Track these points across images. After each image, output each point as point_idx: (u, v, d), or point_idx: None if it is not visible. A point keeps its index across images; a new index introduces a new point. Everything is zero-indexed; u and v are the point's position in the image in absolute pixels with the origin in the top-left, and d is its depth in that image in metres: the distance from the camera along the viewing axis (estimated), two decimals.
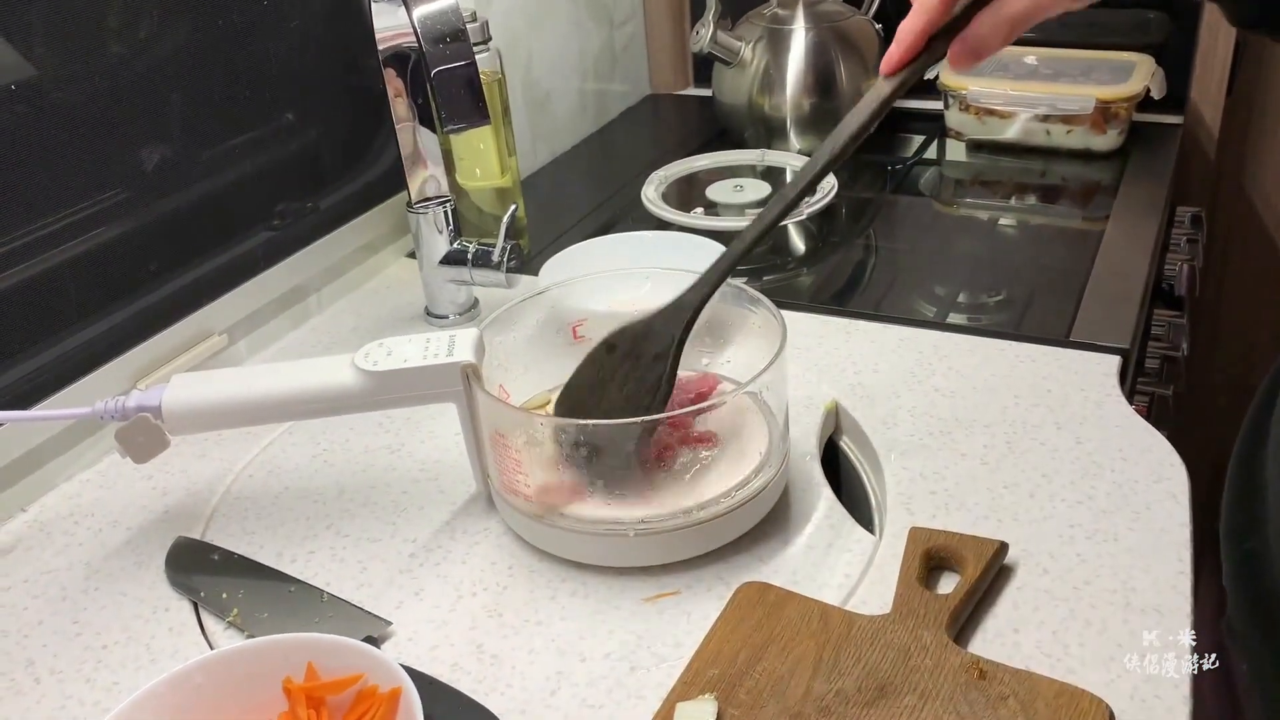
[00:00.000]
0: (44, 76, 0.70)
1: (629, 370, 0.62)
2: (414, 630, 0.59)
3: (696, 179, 1.13)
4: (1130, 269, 0.92)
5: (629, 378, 0.61)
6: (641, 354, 0.61)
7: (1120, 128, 1.15)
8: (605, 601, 0.60)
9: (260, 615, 0.60)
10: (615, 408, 0.61)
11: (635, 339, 0.62)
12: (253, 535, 0.67)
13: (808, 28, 1.19)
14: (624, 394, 0.61)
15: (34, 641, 0.60)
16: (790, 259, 1.03)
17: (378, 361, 0.62)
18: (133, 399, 0.63)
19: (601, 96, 1.38)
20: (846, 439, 0.75)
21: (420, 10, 0.70)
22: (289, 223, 0.90)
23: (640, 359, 0.61)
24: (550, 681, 0.55)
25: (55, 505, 0.72)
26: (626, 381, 0.61)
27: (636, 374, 0.61)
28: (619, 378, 0.62)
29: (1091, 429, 0.71)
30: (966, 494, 0.66)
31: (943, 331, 0.84)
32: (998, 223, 1.08)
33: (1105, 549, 0.61)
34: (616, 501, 0.60)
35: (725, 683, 0.52)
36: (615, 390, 0.62)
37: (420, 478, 0.72)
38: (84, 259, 0.74)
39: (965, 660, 0.52)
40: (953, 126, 1.23)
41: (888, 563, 0.61)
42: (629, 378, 0.61)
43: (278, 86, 0.88)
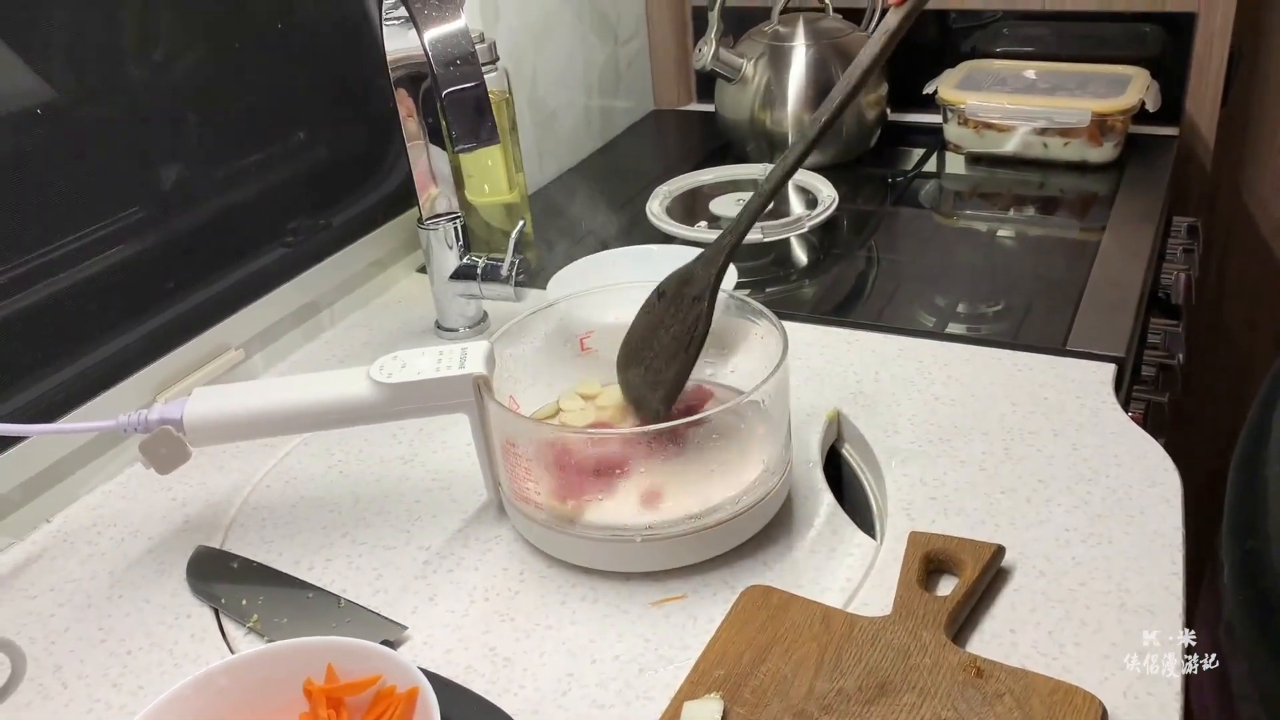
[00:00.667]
0: (64, 99, 0.72)
1: (674, 313, 0.66)
2: (429, 634, 0.61)
3: (700, 193, 1.15)
4: (1126, 279, 0.94)
5: (674, 319, 0.66)
6: (683, 297, 0.66)
7: (1116, 140, 1.17)
8: (614, 606, 0.62)
9: (279, 621, 0.62)
10: (664, 348, 0.66)
11: (679, 283, 0.67)
12: (271, 544, 0.69)
13: (808, 44, 1.21)
14: (670, 334, 0.66)
15: (61, 647, 0.62)
16: (793, 270, 1.05)
17: (392, 374, 0.64)
18: (155, 412, 0.65)
19: (606, 112, 1.40)
20: (848, 446, 0.77)
21: (431, 33, 0.73)
22: (302, 239, 0.92)
23: (683, 301, 0.66)
24: (561, 683, 0.57)
25: (79, 516, 0.74)
26: (673, 324, 0.66)
27: (680, 315, 0.65)
28: (667, 320, 0.66)
29: (1087, 436, 0.72)
30: (965, 499, 0.68)
31: (942, 341, 0.86)
32: (996, 234, 1.10)
33: (1100, 552, 0.62)
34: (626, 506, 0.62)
35: (730, 683, 0.54)
36: (664, 333, 0.66)
37: (433, 487, 0.73)
38: (105, 276, 0.76)
39: (963, 659, 0.54)
40: (952, 140, 1.25)
41: (888, 566, 0.62)
42: (674, 319, 0.66)
43: (291, 106, 0.90)
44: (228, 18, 0.83)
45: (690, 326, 0.65)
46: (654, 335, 0.67)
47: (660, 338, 0.66)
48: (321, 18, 0.92)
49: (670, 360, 0.65)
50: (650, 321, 0.67)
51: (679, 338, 0.65)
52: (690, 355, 0.65)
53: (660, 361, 0.66)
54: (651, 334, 0.67)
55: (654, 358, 0.66)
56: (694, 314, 0.65)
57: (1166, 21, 1.23)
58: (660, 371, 0.66)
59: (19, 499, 0.72)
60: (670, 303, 0.66)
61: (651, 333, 0.67)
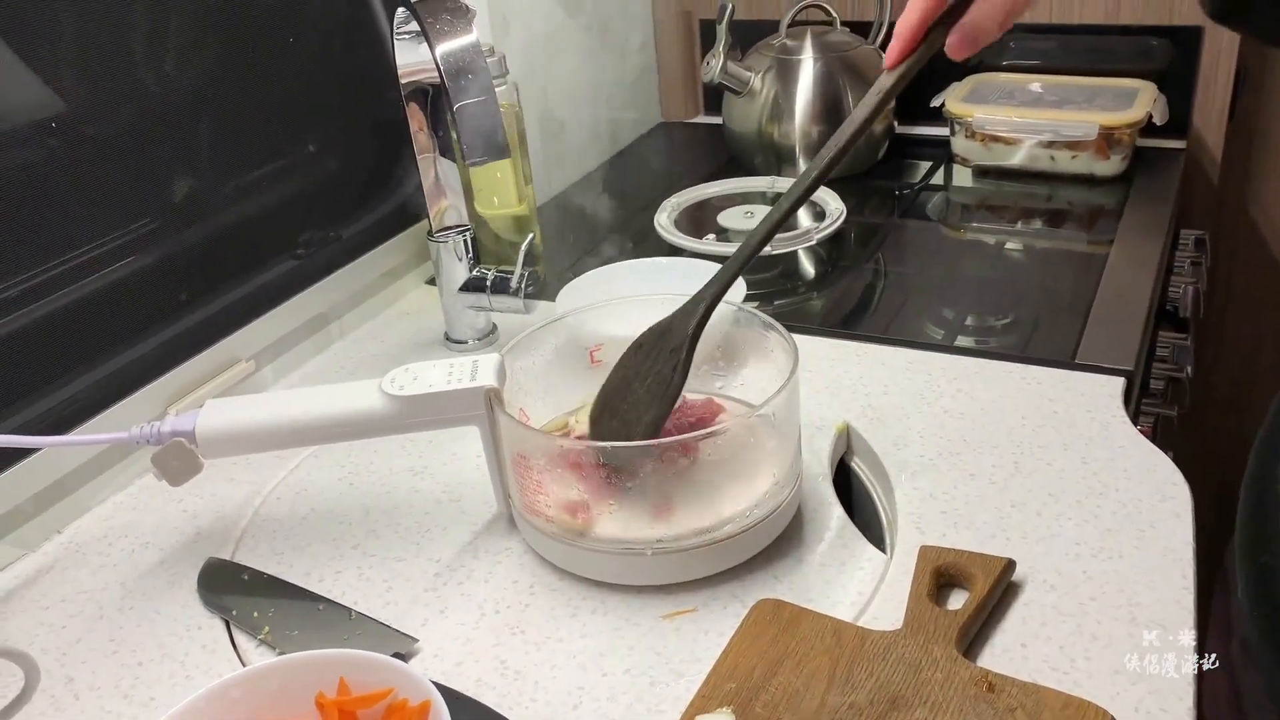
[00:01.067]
0: (75, 111, 0.72)
1: (651, 365, 0.65)
2: (440, 647, 0.61)
3: (708, 206, 1.15)
4: (1135, 292, 0.94)
5: (650, 372, 0.65)
6: (661, 349, 0.65)
7: (1124, 153, 1.17)
8: (624, 619, 0.62)
9: (291, 633, 0.62)
10: (639, 401, 0.64)
11: (657, 336, 0.66)
12: (281, 556, 0.69)
13: (816, 58, 1.21)
14: (645, 386, 0.65)
15: (73, 659, 0.62)
16: (800, 283, 1.05)
17: (403, 386, 0.64)
18: (167, 424, 0.65)
19: (614, 125, 1.40)
20: (858, 460, 0.77)
21: (443, 47, 0.73)
22: (313, 251, 0.93)
23: (660, 354, 0.65)
24: (572, 696, 0.57)
25: (89, 527, 0.74)
26: (648, 376, 0.64)
27: (656, 368, 0.64)
28: (643, 373, 0.65)
29: (1097, 449, 0.72)
30: (975, 513, 0.68)
31: (951, 354, 0.86)
32: (1004, 247, 1.10)
33: (1110, 566, 0.62)
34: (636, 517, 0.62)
35: (742, 696, 0.54)
36: (639, 386, 0.65)
37: (443, 499, 0.74)
38: (115, 288, 0.76)
39: (975, 674, 0.54)
40: (959, 153, 1.25)
41: (899, 580, 0.62)
42: (650, 372, 0.65)
43: (301, 118, 0.91)
44: (239, 30, 0.84)
45: (666, 377, 0.63)
46: (628, 388, 0.65)
47: (635, 390, 0.65)
48: (332, 31, 0.92)
49: (643, 412, 0.64)
50: (626, 375, 0.66)
51: (653, 389, 0.64)
52: (666, 402, 0.63)
53: (634, 414, 0.64)
54: (626, 387, 0.65)
55: (629, 409, 0.64)
56: (670, 364, 0.63)
57: (1173, 35, 1.24)
58: (631, 425, 0.64)
59: (31, 510, 0.72)
60: (647, 355, 0.65)
61: (626, 385, 0.65)
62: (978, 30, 0.58)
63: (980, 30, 0.58)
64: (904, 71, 0.60)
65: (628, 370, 0.66)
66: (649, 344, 0.66)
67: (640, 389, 0.64)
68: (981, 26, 0.58)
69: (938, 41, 0.59)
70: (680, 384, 0.63)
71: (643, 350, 0.66)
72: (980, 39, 0.58)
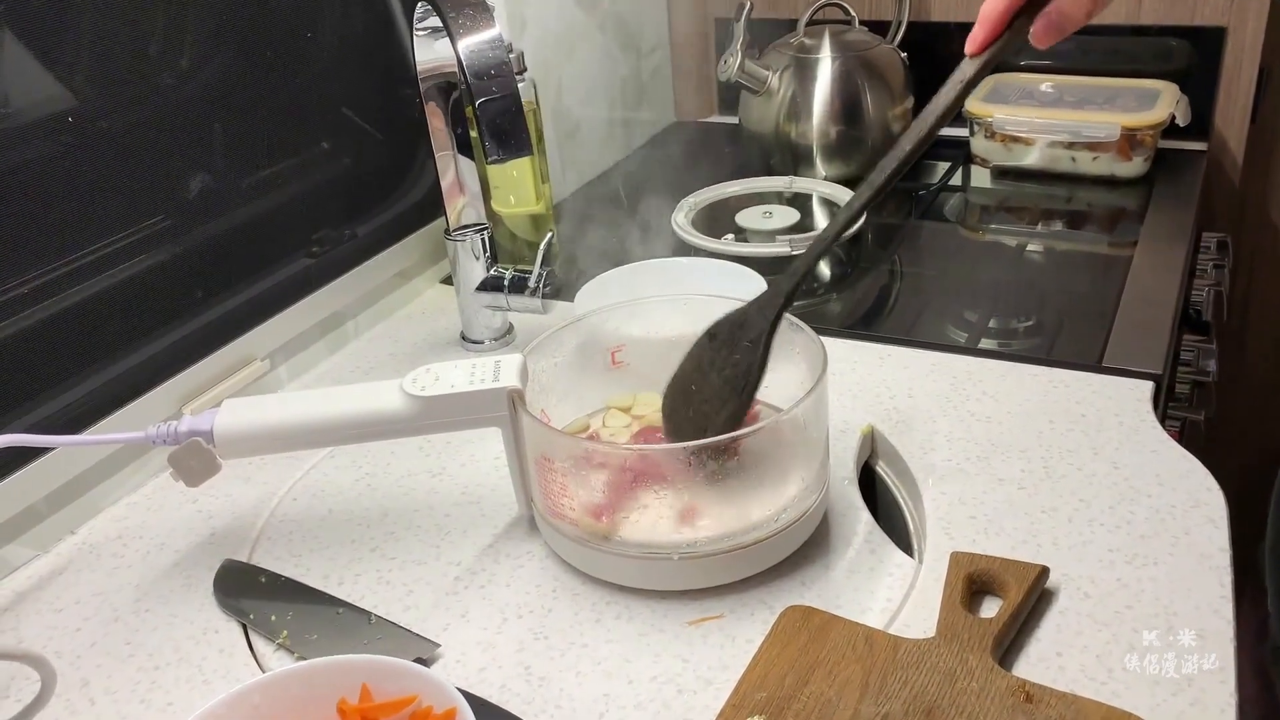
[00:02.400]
0: (89, 107, 0.72)
1: (726, 356, 0.64)
2: (462, 652, 0.60)
3: (725, 205, 1.14)
4: (1160, 295, 0.93)
5: (726, 363, 0.63)
6: (738, 340, 0.64)
7: (1146, 154, 1.16)
8: (650, 625, 0.60)
9: (310, 637, 0.61)
10: (715, 392, 0.63)
11: (733, 327, 0.64)
12: (299, 558, 0.68)
13: (834, 57, 1.20)
14: (722, 378, 0.64)
15: (88, 662, 0.61)
16: (820, 284, 1.04)
17: (425, 387, 0.63)
18: (184, 423, 0.64)
19: (629, 124, 1.39)
20: (882, 463, 0.76)
21: (465, 42, 0.72)
22: (328, 250, 0.92)
23: (736, 345, 0.64)
24: (598, 704, 0.56)
25: (103, 528, 0.73)
26: (725, 367, 0.63)
27: (733, 359, 0.63)
28: (718, 364, 0.64)
29: (1127, 454, 0.71)
30: (1005, 519, 0.66)
31: (975, 357, 0.84)
32: (1025, 248, 1.09)
33: (1146, 573, 0.61)
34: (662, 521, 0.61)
35: (773, 706, 0.53)
36: (715, 375, 0.64)
37: (462, 501, 0.72)
38: (130, 286, 0.75)
39: (1011, 684, 0.53)
40: (978, 153, 1.24)
41: (929, 587, 0.61)
42: (726, 363, 0.63)
43: (316, 116, 0.90)
44: (255, 27, 0.83)
45: (744, 371, 0.62)
46: (704, 378, 0.64)
47: (712, 381, 0.64)
48: (350, 27, 0.91)
49: (722, 404, 0.63)
50: (700, 364, 0.65)
51: (731, 381, 0.63)
52: (744, 400, 0.62)
53: (710, 406, 0.63)
54: (702, 377, 0.65)
55: (703, 401, 0.63)
56: (749, 359, 0.62)
57: (1196, 36, 1.23)
58: (710, 416, 0.63)
59: (44, 510, 0.71)
60: (722, 345, 0.64)
61: (702, 376, 0.65)
62: (1064, 18, 0.56)
63: (1066, 18, 0.56)
64: (988, 59, 0.58)
65: (701, 360, 0.65)
66: (723, 335, 0.65)
67: (717, 379, 0.63)
68: (1068, 14, 0.56)
69: (1023, 29, 0.57)
70: (759, 378, 0.62)
71: (717, 340, 0.65)
72: (1066, 27, 0.57)
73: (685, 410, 0.64)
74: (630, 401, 0.73)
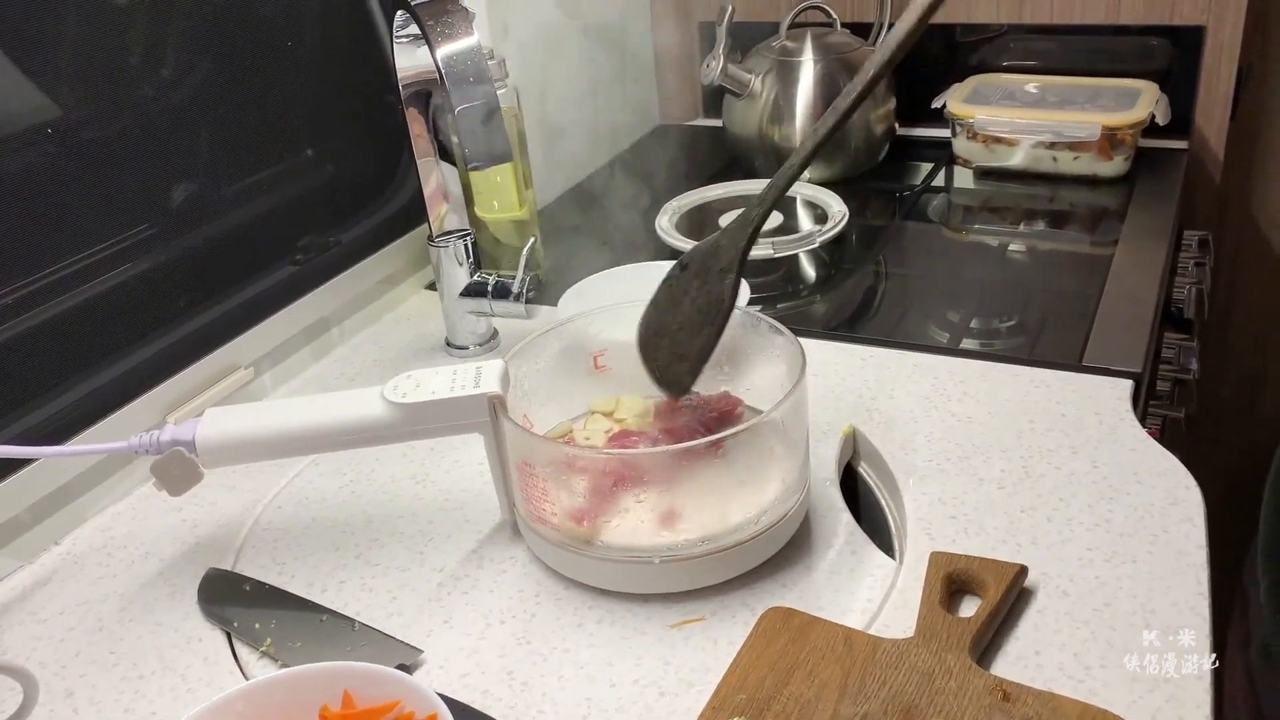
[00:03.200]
0: (72, 117, 0.72)
1: (699, 285, 0.65)
2: (445, 658, 0.60)
3: (709, 208, 1.15)
4: (1141, 293, 0.94)
5: (700, 292, 0.64)
6: (710, 269, 0.64)
7: (1126, 154, 1.16)
8: (632, 628, 0.61)
9: (293, 645, 0.61)
10: (689, 320, 0.65)
11: (704, 256, 0.65)
12: (283, 565, 0.69)
13: (816, 59, 1.21)
14: (695, 306, 0.64)
15: (72, 672, 0.61)
16: (803, 286, 1.05)
17: (406, 394, 0.63)
18: (167, 433, 0.64)
19: (613, 128, 1.40)
20: (864, 464, 0.76)
21: (444, 50, 0.72)
22: (312, 257, 0.92)
23: (709, 274, 0.64)
24: (580, 707, 0.56)
25: (88, 538, 0.73)
26: (698, 296, 0.64)
27: (705, 288, 0.64)
28: (691, 292, 0.65)
29: (1106, 453, 0.72)
30: (985, 518, 0.67)
31: (956, 357, 0.85)
32: (1007, 248, 1.10)
33: (1124, 571, 0.62)
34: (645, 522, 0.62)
35: (753, 707, 0.53)
36: (688, 305, 0.65)
37: (446, 507, 0.73)
38: (113, 295, 0.75)
39: (989, 682, 0.53)
40: (960, 154, 1.24)
41: (909, 587, 0.62)
42: (700, 292, 0.64)
43: (299, 123, 0.90)
44: (238, 35, 0.83)
45: (717, 299, 0.63)
46: (677, 307, 0.65)
47: (685, 309, 0.65)
48: (331, 35, 0.92)
49: (695, 333, 0.64)
50: (673, 294, 0.66)
51: (705, 310, 0.64)
52: (716, 328, 0.64)
53: (685, 334, 0.64)
54: (675, 305, 0.66)
55: (678, 329, 0.65)
56: (720, 286, 0.63)
57: (1175, 35, 1.23)
58: (684, 344, 0.64)
59: (28, 521, 0.71)
60: (695, 274, 0.65)
61: (675, 304, 0.66)
62: None
63: None
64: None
65: (675, 289, 0.66)
66: (696, 264, 0.65)
67: (690, 308, 0.64)
68: None
69: None
70: (732, 304, 0.63)
71: (689, 270, 0.66)
72: None
73: (660, 340, 0.65)
74: (613, 405, 0.73)
